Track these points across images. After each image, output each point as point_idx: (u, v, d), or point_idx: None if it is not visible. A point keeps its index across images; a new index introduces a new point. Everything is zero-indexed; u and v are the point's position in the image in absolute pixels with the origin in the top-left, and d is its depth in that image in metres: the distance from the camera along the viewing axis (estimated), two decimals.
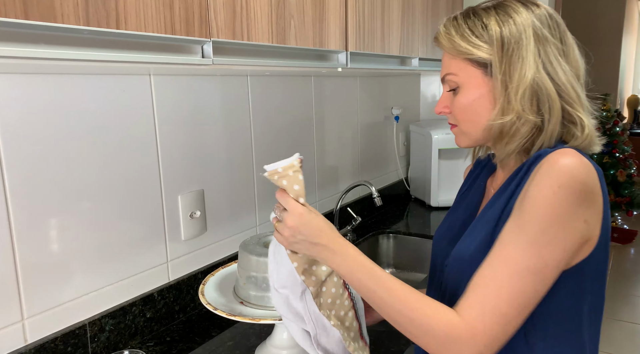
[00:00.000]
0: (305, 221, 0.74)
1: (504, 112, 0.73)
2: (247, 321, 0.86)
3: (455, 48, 0.75)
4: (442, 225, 0.93)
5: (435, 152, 2.05)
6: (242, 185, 1.39)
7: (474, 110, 0.76)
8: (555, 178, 0.65)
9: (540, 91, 0.71)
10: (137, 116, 1.09)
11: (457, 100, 0.77)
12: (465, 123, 0.78)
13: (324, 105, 1.70)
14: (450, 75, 0.78)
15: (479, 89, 0.75)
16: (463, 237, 0.80)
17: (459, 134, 0.81)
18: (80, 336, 0.99)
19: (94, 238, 1.03)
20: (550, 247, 0.65)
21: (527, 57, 0.71)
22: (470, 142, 0.80)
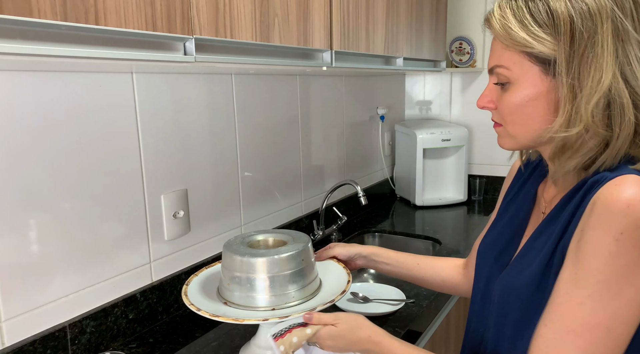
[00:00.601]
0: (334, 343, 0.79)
1: (571, 123, 0.61)
2: (230, 321, 0.86)
3: (510, 37, 0.63)
4: (488, 234, 0.84)
5: (420, 151, 2.06)
6: (226, 185, 1.38)
7: (527, 113, 0.66)
8: (616, 223, 0.56)
9: (613, 101, 0.60)
10: (119, 114, 1.08)
11: (507, 98, 0.67)
12: (514, 126, 0.68)
13: (310, 105, 1.70)
14: (500, 67, 0.66)
15: (535, 89, 0.64)
16: (511, 265, 0.72)
17: (504, 135, 0.71)
18: (60, 339, 0.98)
19: (74, 238, 1.01)
20: (615, 300, 0.57)
21: (604, 57, 0.59)
22: (516, 146, 0.71)
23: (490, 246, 0.81)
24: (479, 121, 2.27)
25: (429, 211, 2.09)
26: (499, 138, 0.73)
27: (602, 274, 0.57)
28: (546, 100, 0.64)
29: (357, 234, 1.86)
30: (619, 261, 0.56)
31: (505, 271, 0.74)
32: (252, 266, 0.91)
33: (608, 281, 0.57)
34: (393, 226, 1.91)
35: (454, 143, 2.10)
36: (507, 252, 0.77)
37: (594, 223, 0.58)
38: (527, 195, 0.79)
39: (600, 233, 0.57)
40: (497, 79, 0.69)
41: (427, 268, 1.03)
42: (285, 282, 0.91)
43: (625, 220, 0.55)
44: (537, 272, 0.66)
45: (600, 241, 0.57)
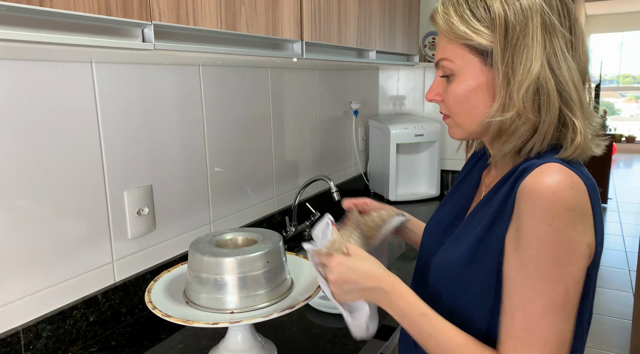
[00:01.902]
0: (344, 270, 0.71)
1: (505, 108, 0.67)
2: (181, 323, 0.82)
3: (452, 31, 0.68)
4: (434, 216, 0.89)
5: (394, 146, 2.05)
6: (194, 180, 1.33)
7: (470, 102, 0.70)
8: (547, 209, 0.61)
9: (541, 88, 0.65)
10: (78, 106, 1.02)
11: (452, 89, 0.71)
12: (460, 116, 0.73)
13: (282, 98, 1.66)
14: (445, 60, 0.71)
15: (476, 79, 0.69)
16: (447, 243, 0.77)
17: (452, 125, 0.76)
18: (12, 344, 0.92)
19: (28, 237, 0.95)
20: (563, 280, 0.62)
21: (534, 48, 0.65)
22: (464, 135, 0.75)
23: (434, 227, 0.86)
24: None
25: (403, 207, 2.08)
26: (449, 129, 0.78)
27: (546, 258, 0.61)
28: (486, 89, 0.69)
29: None
30: (557, 244, 0.61)
31: (441, 249, 0.78)
32: (218, 266, 0.87)
33: (553, 264, 0.61)
34: None
35: (427, 139, 2.09)
36: (447, 233, 0.81)
37: (528, 211, 0.62)
38: (472, 180, 0.85)
39: (535, 220, 0.61)
40: (443, 72, 0.73)
41: None
42: (254, 283, 0.88)
43: (553, 205, 0.60)
44: (468, 250, 0.70)
45: (536, 229, 0.61)
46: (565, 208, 0.61)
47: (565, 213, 0.61)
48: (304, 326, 1.11)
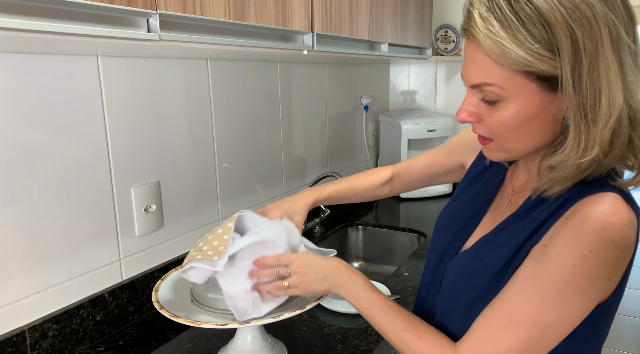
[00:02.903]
0: (305, 261, 0.77)
1: (587, 147, 0.56)
2: (206, 326, 0.79)
3: (506, 55, 0.55)
4: (448, 209, 0.84)
5: (405, 142, 2.01)
6: (202, 177, 1.30)
7: (523, 130, 0.60)
8: (588, 240, 0.55)
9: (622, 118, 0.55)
10: (84, 101, 0.99)
11: (498, 115, 0.60)
12: (510, 143, 0.63)
13: (291, 93, 1.63)
14: (490, 86, 0.58)
15: (533, 106, 0.58)
16: (471, 250, 0.73)
17: (495, 149, 0.65)
18: (18, 344, 0.90)
19: (35, 234, 0.93)
20: (564, 305, 0.58)
21: (610, 70, 0.54)
22: (509, 159, 0.66)
23: (451, 220, 0.81)
24: None
25: (414, 204, 2.04)
26: (486, 151, 0.68)
27: (560, 281, 0.57)
28: (546, 116, 0.59)
29: (341, 227, 1.80)
30: (580, 274, 0.57)
31: (464, 253, 0.74)
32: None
33: (563, 289, 0.57)
34: (377, 219, 1.86)
35: (439, 134, 2.05)
36: (466, 230, 0.77)
37: (567, 234, 0.58)
38: (495, 176, 0.78)
39: (570, 245, 0.57)
40: (484, 96, 0.61)
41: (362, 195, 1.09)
42: None
43: (597, 239, 0.55)
44: (496, 265, 0.66)
45: (568, 253, 0.57)
46: (610, 246, 0.55)
47: (607, 251, 0.56)
48: (315, 326, 1.08)
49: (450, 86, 2.26)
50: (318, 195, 1.01)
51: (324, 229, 1.74)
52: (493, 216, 0.75)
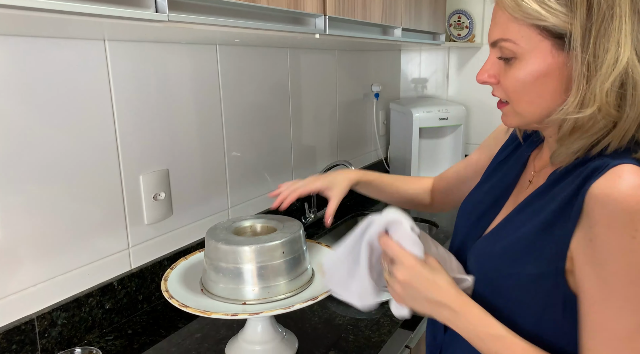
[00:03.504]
0: (417, 275, 0.64)
1: (584, 103, 0.57)
2: (216, 316, 0.77)
3: (520, 8, 0.57)
4: (471, 196, 0.82)
5: (416, 130, 1.97)
6: (211, 165, 1.28)
7: (535, 90, 0.60)
8: (628, 220, 0.53)
9: (628, 79, 0.55)
10: (91, 87, 0.97)
11: (513, 74, 0.61)
12: (521, 104, 0.63)
13: (301, 81, 1.60)
14: (506, 41, 0.60)
15: (545, 65, 0.58)
16: (490, 233, 0.70)
17: (509, 113, 0.66)
18: (27, 332, 0.89)
19: (44, 222, 0.92)
20: None
21: (622, 31, 0.54)
22: (522, 124, 0.66)
23: (473, 206, 0.79)
24: (477, 99, 2.18)
25: None
26: (503, 117, 0.68)
27: (630, 274, 0.54)
28: (557, 77, 0.59)
29: (351, 217, 1.78)
30: None
31: (483, 237, 0.72)
32: (236, 255, 0.82)
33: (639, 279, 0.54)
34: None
35: (451, 123, 2.01)
36: (488, 215, 0.75)
37: (604, 220, 0.54)
38: (519, 159, 0.77)
39: (616, 232, 0.54)
40: (501, 53, 0.63)
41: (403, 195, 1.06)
42: (273, 273, 0.83)
43: (637, 215, 0.53)
44: (516, 247, 0.63)
45: (618, 242, 0.54)
46: None
47: None
48: (326, 317, 1.07)
49: (463, 74, 2.22)
50: (362, 175, 1.00)
51: (334, 218, 1.72)
52: (515, 200, 0.73)
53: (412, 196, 1.05)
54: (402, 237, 0.65)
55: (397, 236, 0.66)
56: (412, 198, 1.05)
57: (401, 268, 0.65)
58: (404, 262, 0.65)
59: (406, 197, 1.05)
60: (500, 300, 0.65)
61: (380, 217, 0.67)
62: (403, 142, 2.06)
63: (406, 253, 0.65)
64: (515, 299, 0.64)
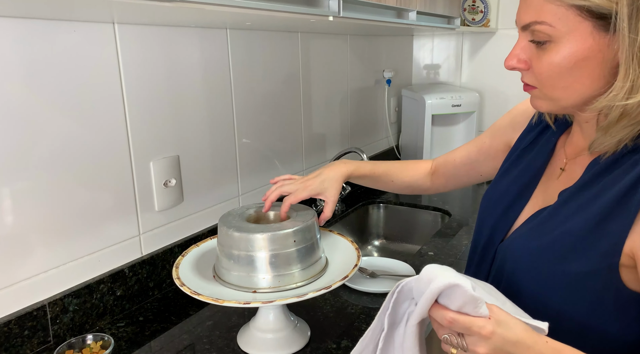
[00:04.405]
0: (499, 340, 0.52)
1: (634, 89, 0.53)
2: (229, 304, 0.76)
3: None
4: (495, 186, 0.77)
5: (429, 117, 1.94)
6: (222, 151, 1.27)
7: (573, 75, 0.56)
8: None
9: None
10: (100, 72, 0.96)
11: (548, 58, 0.57)
12: (556, 90, 0.59)
13: (312, 66, 1.57)
14: (541, 24, 0.56)
15: (585, 48, 0.54)
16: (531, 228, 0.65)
17: (541, 98, 0.61)
18: (39, 318, 0.89)
19: (54, 209, 0.91)
20: None
21: None
22: (555, 110, 0.62)
23: (498, 197, 0.74)
24: (491, 86, 2.14)
25: None
26: (533, 99, 0.64)
27: None
28: (598, 61, 0.55)
29: (361, 205, 1.76)
30: None
31: (520, 232, 0.67)
32: (249, 243, 0.81)
33: None
34: (398, 197, 1.82)
35: (464, 109, 1.98)
36: (515, 206, 0.71)
37: None
38: (546, 145, 0.72)
39: None
40: (534, 37, 0.58)
41: (399, 184, 1.02)
42: (286, 261, 0.82)
43: None
44: (563, 243, 0.59)
45: None
46: None
47: None
48: (338, 305, 1.05)
49: (477, 59, 2.17)
50: (355, 169, 0.95)
51: (344, 207, 1.71)
52: (545, 189, 0.70)
53: (409, 183, 1.02)
54: (465, 303, 0.52)
55: (457, 304, 0.53)
56: (409, 185, 1.02)
57: (481, 342, 0.53)
58: (482, 333, 0.52)
59: (402, 185, 1.02)
60: (543, 298, 0.62)
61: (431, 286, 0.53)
62: (415, 129, 2.03)
63: (477, 322, 0.52)
64: (561, 298, 0.61)
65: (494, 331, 0.52)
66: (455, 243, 1.36)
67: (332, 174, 0.92)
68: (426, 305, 0.54)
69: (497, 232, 0.72)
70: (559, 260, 0.60)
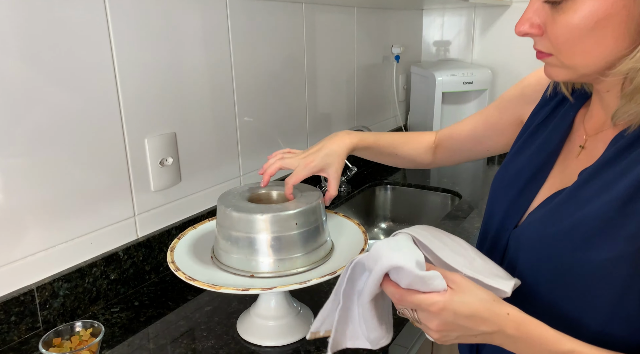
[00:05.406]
0: (451, 317, 0.51)
1: None
2: (226, 291, 0.71)
3: None
4: (506, 166, 0.71)
5: (439, 95, 1.86)
6: (222, 129, 1.20)
7: (592, 38, 0.51)
8: None
9: None
10: (88, 40, 0.89)
11: (565, 20, 0.52)
12: (575, 56, 0.53)
13: (317, 41, 1.49)
14: None
15: (607, 5, 0.49)
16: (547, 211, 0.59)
17: (557, 66, 0.56)
18: (26, 303, 0.84)
19: (42, 188, 0.85)
20: None
21: None
22: (573, 78, 0.56)
23: (510, 179, 0.68)
24: (504, 63, 2.05)
25: None
26: (547, 68, 0.58)
27: None
28: (622, 18, 0.49)
29: (368, 186, 1.70)
30: None
31: (535, 216, 0.61)
32: (249, 224, 0.75)
33: None
34: (405, 178, 1.75)
35: (476, 87, 1.89)
36: (531, 188, 0.65)
37: None
38: (562, 120, 0.66)
39: None
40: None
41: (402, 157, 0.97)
42: (290, 244, 0.76)
43: None
44: (585, 227, 0.54)
45: None
46: None
47: None
48: None
49: (489, 35, 2.07)
50: (359, 140, 0.88)
51: (350, 188, 1.64)
52: (563, 169, 0.63)
53: (412, 156, 0.96)
54: (413, 282, 0.52)
55: (405, 282, 0.52)
56: (413, 159, 0.96)
57: (430, 317, 0.52)
58: (431, 310, 0.51)
59: (406, 159, 0.96)
60: (563, 290, 0.57)
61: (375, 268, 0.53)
62: (424, 107, 1.95)
63: (427, 299, 0.51)
64: (583, 289, 0.55)
65: (445, 307, 0.51)
66: (467, 226, 1.30)
67: (335, 147, 0.85)
68: (374, 285, 0.54)
69: (510, 218, 0.66)
70: (580, 246, 0.54)
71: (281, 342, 0.82)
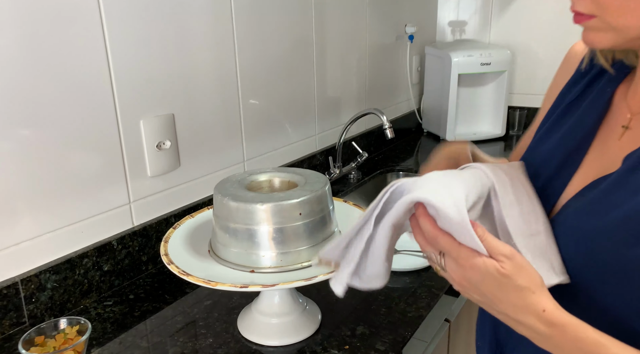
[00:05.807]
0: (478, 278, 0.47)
1: None
2: (222, 288, 0.64)
3: None
4: (533, 150, 0.63)
5: (455, 77, 1.76)
6: (224, 112, 1.12)
7: None
8: None
9: None
10: (76, 13, 0.81)
11: None
12: (624, 15, 0.46)
13: (326, 19, 1.40)
14: None
15: None
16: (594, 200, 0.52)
17: (599, 29, 0.49)
18: (10, 297, 0.78)
19: (27, 173, 0.78)
20: None
21: None
22: (619, 43, 0.49)
23: (541, 164, 0.60)
24: (523, 43, 1.94)
25: None
26: (588, 33, 0.50)
27: None
28: None
29: (379, 173, 1.62)
30: None
31: (572, 207, 0.54)
32: (249, 214, 0.68)
33: None
34: (419, 164, 1.67)
35: (494, 68, 1.79)
36: (562, 175, 0.57)
37: None
38: (599, 98, 0.58)
39: None
40: None
41: None
42: (293, 236, 0.68)
43: None
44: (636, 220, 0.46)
45: None
46: None
47: None
48: None
49: (508, 13, 1.96)
50: None
51: (361, 174, 1.57)
52: (602, 153, 0.55)
53: None
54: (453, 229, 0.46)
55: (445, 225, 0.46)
56: None
57: (457, 269, 0.48)
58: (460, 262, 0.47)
59: None
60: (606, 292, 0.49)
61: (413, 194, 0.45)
62: (439, 90, 1.85)
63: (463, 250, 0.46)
64: (631, 290, 0.48)
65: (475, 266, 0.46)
66: None
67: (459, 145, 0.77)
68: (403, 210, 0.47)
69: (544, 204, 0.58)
70: (632, 242, 0.47)
71: (285, 341, 0.76)
